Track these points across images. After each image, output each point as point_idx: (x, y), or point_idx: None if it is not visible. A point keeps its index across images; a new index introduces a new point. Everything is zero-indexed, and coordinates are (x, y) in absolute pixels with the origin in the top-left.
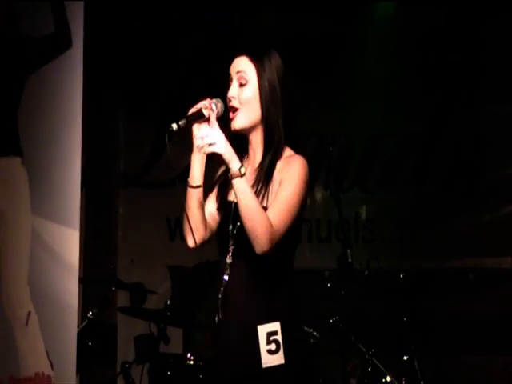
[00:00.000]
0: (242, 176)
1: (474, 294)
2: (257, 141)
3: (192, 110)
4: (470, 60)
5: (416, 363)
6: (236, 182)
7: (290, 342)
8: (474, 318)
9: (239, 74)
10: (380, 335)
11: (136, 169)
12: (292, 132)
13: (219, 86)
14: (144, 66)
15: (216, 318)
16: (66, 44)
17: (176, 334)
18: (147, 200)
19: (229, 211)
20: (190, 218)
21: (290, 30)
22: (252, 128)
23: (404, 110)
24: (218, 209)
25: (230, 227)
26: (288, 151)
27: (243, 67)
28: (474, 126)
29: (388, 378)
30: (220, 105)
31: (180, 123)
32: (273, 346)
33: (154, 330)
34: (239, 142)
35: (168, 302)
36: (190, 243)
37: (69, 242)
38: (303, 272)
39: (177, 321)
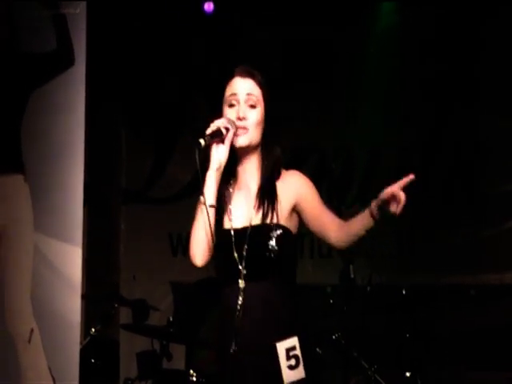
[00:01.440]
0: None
1: (476, 309)
2: (252, 162)
3: (212, 129)
4: (470, 68)
5: (418, 379)
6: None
7: (308, 355)
8: (477, 333)
9: (249, 97)
10: (382, 351)
11: (138, 185)
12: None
13: (219, 101)
14: (145, 83)
15: (233, 344)
16: (68, 61)
17: (179, 351)
18: (149, 216)
19: (229, 239)
20: (206, 236)
21: (287, 40)
22: (252, 148)
23: (404, 122)
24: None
25: (236, 254)
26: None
27: (252, 90)
28: (475, 138)
29: None
30: (234, 125)
31: (206, 139)
32: (293, 362)
33: (157, 346)
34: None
35: (170, 319)
36: (200, 261)
37: (71, 259)
38: (305, 287)
39: (179, 337)
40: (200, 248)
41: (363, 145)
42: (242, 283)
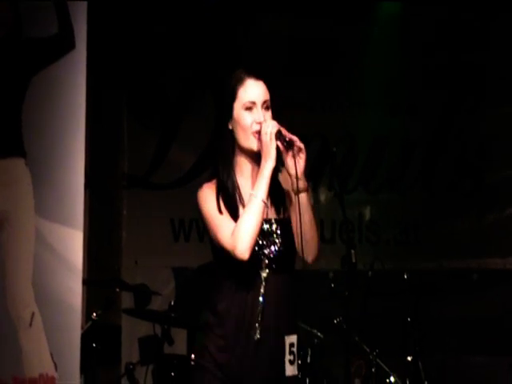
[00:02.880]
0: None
1: (479, 295)
2: (254, 158)
3: (291, 137)
4: (475, 60)
5: (420, 363)
6: (304, 196)
7: (301, 355)
8: (479, 318)
9: (265, 101)
10: (384, 336)
11: (140, 170)
12: None
13: (222, 86)
14: (148, 67)
15: (258, 332)
16: (69, 45)
17: (180, 335)
18: (151, 201)
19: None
20: (256, 231)
21: (293, 31)
22: None
23: (408, 110)
24: None
25: (261, 242)
26: None
27: (266, 95)
28: (479, 127)
29: (392, 379)
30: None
31: (282, 136)
32: (291, 357)
33: (158, 331)
34: None
35: (172, 303)
36: (248, 255)
37: (73, 243)
38: (307, 273)
39: (181, 322)
40: (252, 243)
41: (367, 132)
42: (265, 273)
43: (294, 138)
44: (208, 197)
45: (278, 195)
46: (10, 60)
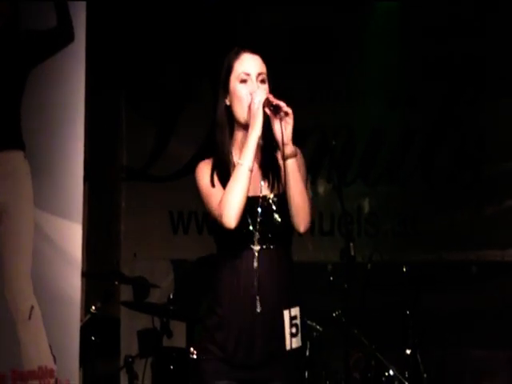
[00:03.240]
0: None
1: (478, 287)
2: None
3: (278, 102)
4: (474, 51)
5: (419, 357)
6: (292, 163)
7: (303, 326)
8: (478, 311)
9: (261, 74)
10: (383, 328)
11: (139, 162)
12: None
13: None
14: (146, 59)
15: (258, 305)
16: (68, 37)
17: (179, 328)
18: (150, 193)
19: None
20: (243, 199)
21: (291, 20)
22: None
23: (407, 102)
24: None
25: (250, 220)
26: None
27: (262, 68)
28: (478, 119)
29: (391, 372)
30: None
31: (271, 104)
32: (294, 330)
33: (157, 323)
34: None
35: (171, 296)
36: (235, 223)
37: (72, 236)
38: (306, 265)
39: (180, 315)
40: (238, 210)
41: (365, 124)
42: (257, 247)
43: (282, 103)
44: (203, 171)
45: (274, 171)
46: (8, 52)
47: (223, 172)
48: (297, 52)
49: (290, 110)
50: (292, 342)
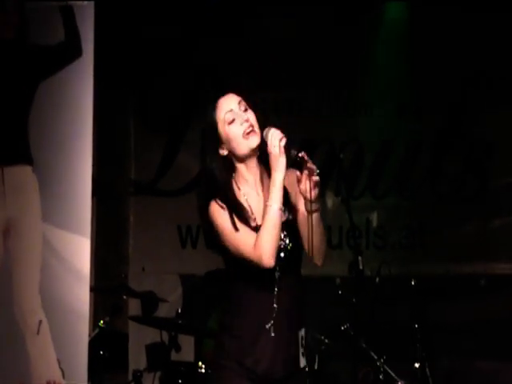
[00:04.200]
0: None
1: (486, 300)
2: (254, 162)
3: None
4: (481, 61)
5: (428, 370)
6: (316, 216)
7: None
8: (486, 323)
9: (240, 104)
10: (391, 342)
11: (147, 176)
12: None
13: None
14: (155, 73)
15: (270, 326)
16: (76, 52)
17: (187, 342)
18: (158, 208)
19: None
20: (277, 238)
21: (296, 32)
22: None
23: (415, 113)
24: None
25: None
26: None
27: (238, 100)
28: (486, 129)
29: None
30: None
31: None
32: (303, 349)
33: (166, 338)
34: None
35: (179, 310)
36: (274, 263)
37: (80, 250)
38: (314, 279)
39: (188, 329)
40: (275, 250)
41: (373, 136)
42: (277, 273)
43: (306, 157)
44: (220, 215)
45: (283, 197)
46: (17, 66)
47: (239, 214)
48: (304, 64)
49: (314, 167)
50: (302, 361)
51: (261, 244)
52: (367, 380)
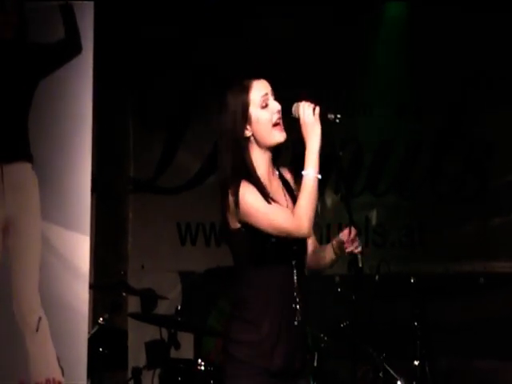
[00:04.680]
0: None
1: (485, 298)
2: (269, 154)
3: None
4: (481, 61)
5: (427, 368)
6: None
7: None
8: (486, 322)
9: (272, 93)
10: (391, 340)
11: (146, 174)
12: None
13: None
14: (154, 71)
15: (296, 319)
16: (75, 49)
17: (187, 340)
18: (157, 205)
19: None
20: (316, 206)
21: (297, 32)
22: None
23: (415, 112)
24: None
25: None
26: None
27: (269, 87)
28: (486, 129)
29: (399, 383)
30: None
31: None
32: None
33: (165, 335)
34: None
35: (179, 308)
36: (311, 232)
37: (79, 248)
38: (314, 277)
39: (187, 326)
40: (313, 219)
41: (372, 134)
42: (294, 263)
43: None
44: (252, 188)
45: (290, 189)
46: (16, 64)
47: (264, 193)
48: (304, 63)
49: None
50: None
51: (300, 212)
52: (366, 378)
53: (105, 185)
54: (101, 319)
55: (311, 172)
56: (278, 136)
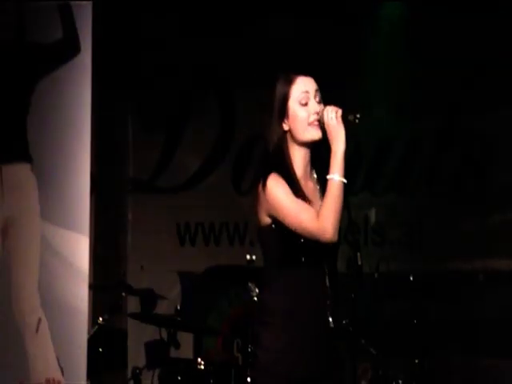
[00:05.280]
0: None
1: (484, 296)
2: (308, 153)
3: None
4: (483, 60)
5: (426, 366)
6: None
7: None
8: (485, 319)
9: (317, 93)
10: (390, 338)
11: (145, 174)
12: None
13: (228, 89)
14: (153, 71)
15: (326, 326)
16: (74, 50)
17: (186, 339)
18: (157, 205)
19: None
20: (341, 211)
21: (293, 31)
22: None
23: (413, 111)
24: None
25: None
26: None
27: (316, 86)
28: (485, 128)
29: (399, 381)
30: None
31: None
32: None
33: (165, 335)
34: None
35: (178, 307)
36: (336, 237)
37: (79, 248)
38: None
39: (187, 326)
40: (338, 224)
41: (371, 133)
42: (326, 266)
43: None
44: (281, 186)
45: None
46: (15, 64)
47: (296, 189)
48: (300, 62)
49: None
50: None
51: (324, 216)
52: (366, 376)
53: (104, 185)
54: (100, 319)
55: (336, 176)
56: (313, 133)
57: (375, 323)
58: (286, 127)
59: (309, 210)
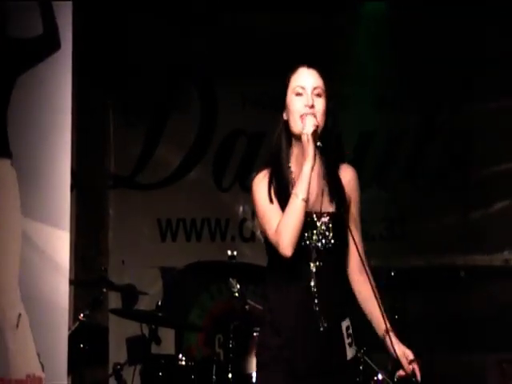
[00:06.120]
0: None
1: (466, 291)
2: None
3: (315, 129)
4: (463, 55)
5: None
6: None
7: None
8: (466, 315)
9: (316, 87)
10: (372, 333)
11: (126, 170)
12: None
13: (209, 85)
14: (134, 66)
15: (322, 324)
16: (54, 45)
17: (168, 335)
18: (137, 201)
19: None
20: (298, 228)
21: (276, 24)
22: (314, 136)
23: (394, 105)
24: None
25: (311, 235)
26: None
27: (318, 82)
28: (466, 122)
29: (380, 376)
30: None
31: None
32: (349, 340)
33: (146, 331)
34: None
35: (159, 303)
36: (290, 253)
37: (59, 244)
38: None
39: (168, 321)
40: (294, 240)
41: (352, 127)
42: (314, 266)
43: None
44: (259, 187)
45: (335, 189)
46: None
47: (281, 186)
48: (282, 56)
49: (315, 124)
50: (350, 352)
51: (280, 231)
52: None
53: (85, 181)
54: (81, 315)
55: (300, 195)
56: (301, 126)
57: (356, 318)
58: (285, 117)
59: (274, 219)
